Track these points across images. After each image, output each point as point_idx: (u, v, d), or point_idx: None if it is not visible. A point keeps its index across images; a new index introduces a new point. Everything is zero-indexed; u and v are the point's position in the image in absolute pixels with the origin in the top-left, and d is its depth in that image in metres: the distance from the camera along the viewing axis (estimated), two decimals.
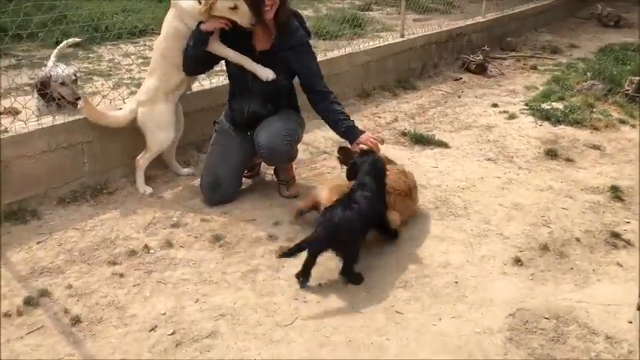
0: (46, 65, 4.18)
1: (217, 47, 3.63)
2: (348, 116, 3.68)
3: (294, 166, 4.20)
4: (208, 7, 3.48)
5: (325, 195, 3.42)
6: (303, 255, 3.05)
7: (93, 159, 3.91)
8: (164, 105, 3.86)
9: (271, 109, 3.75)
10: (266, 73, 3.62)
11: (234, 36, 3.62)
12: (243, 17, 3.50)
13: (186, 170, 4.21)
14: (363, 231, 3.16)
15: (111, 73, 6.46)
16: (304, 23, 3.85)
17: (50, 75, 3.90)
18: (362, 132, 3.60)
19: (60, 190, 3.79)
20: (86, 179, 3.91)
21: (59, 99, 3.94)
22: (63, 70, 3.92)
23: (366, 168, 3.25)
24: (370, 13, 10.71)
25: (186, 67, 3.71)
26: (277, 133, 3.63)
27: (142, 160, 3.92)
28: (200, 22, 3.56)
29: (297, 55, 3.70)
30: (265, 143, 3.63)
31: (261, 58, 3.66)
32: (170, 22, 3.74)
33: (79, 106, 3.94)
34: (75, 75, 4.02)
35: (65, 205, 3.73)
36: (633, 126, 5.54)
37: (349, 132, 3.60)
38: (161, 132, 3.88)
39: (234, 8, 3.48)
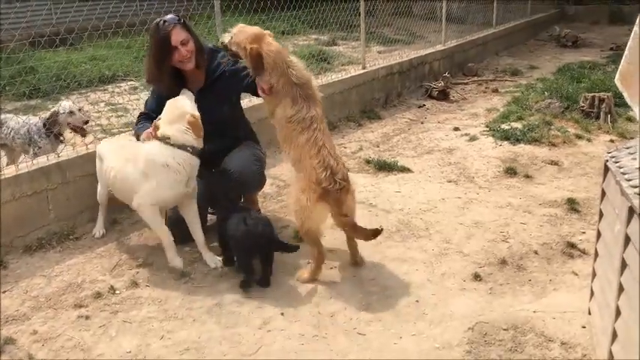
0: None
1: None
2: None
3: (259, 200, 4.30)
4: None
5: None
6: (270, 285, 3.30)
7: (58, 205, 3.96)
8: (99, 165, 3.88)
9: (229, 142, 3.83)
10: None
11: (174, 90, 3.71)
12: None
13: None
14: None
15: None
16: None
17: (57, 110, 4.35)
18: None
19: (26, 238, 3.83)
20: (52, 226, 3.95)
21: (63, 133, 4.45)
22: (67, 103, 4.44)
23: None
24: (336, 47, 10.99)
25: None
26: (246, 158, 3.76)
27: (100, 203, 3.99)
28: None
29: (232, 74, 3.80)
30: (237, 168, 3.69)
31: (201, 96, 3.75)
32: None
33: (86, 130, 4.41)
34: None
35: (31, 253, 3.76)
36: (589, 140, 5.74)
37: None
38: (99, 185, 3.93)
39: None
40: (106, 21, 5.19)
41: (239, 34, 3.40)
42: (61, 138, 4.46)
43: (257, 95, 3.67)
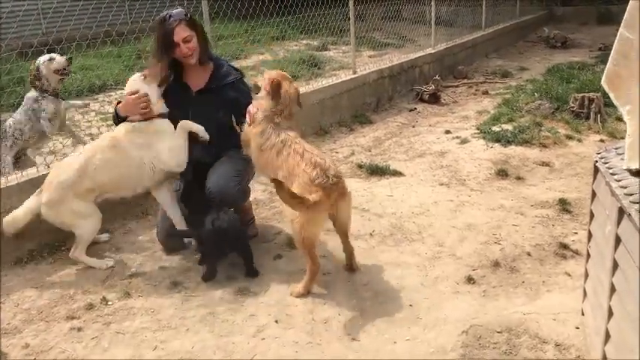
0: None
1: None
2: None
3: (253, 206, 4.28)
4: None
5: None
6: (264, 293, 3.28)
7: None
8: (75, 201, 3.59)
9: (215, 154, 3.81)
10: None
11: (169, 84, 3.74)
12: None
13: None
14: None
15: (72, 129, 6.49)
16: (233, 66, 4.03)
17: (37, 65, 4.33)
18: None
19: (18, 250, 3.80)
20: (44, 237, 3.91)
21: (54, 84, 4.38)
22: (42, 57, 4.37)
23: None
24: (327, 52, 11.00)
25: None
26: (225, 175, 3.68)
27: (77, 253, 3.68)
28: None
29: (236, 87, 3.84)
30: (214, 188, 3.64)
31: (198, 97, 3.77)
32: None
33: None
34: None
35: (23, 265, 3.74)
36: (579, 140, 5.76)
37: None
38: (86, 221, 3.65)
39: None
40: (94, 30, 5.19)
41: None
42: (58, 92, 4.44)
43: (238, 118, 3.79)
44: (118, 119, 3.72)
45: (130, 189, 3.73)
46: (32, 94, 4.41)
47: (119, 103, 3.75)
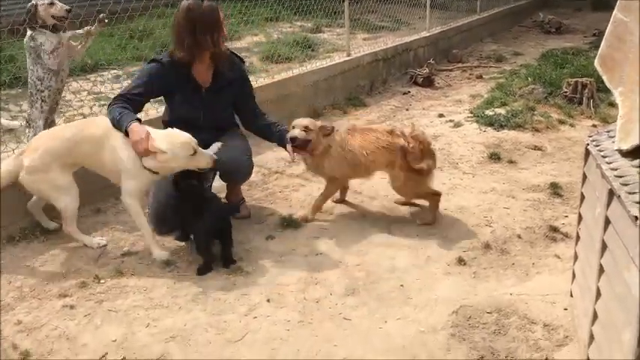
0: None
1: None
2: (280, 123, 4.01)
3: (245, 187, 4.29)
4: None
5: None
6: (256, 272, 3.32)
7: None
8: (58, 173, 3.52)
9: (219, 133, 3.87)
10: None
11: (179, 80, 3.72)
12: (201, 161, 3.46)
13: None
14: None
15: (62, 110, 6.44)
16: (236, 53, 4.07)
17: (35, 3, 4.02)
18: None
19: (9, 229, 3.79)
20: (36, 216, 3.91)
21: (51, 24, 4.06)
22: None
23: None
24: (321, 34, 10.92)
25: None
26: (236, 149, 3.79)
27: (69, 227, 3.65)
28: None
29: (239, 84, 3.94)
30: (227, 160, 3.69)
31: (208, 95, 3.82)
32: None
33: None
34: None
35: (15, 244, 3.73)
36: (572, 125, 5.79)
37: (282, 136, 3.89)
38: (63, 195, 3.56)
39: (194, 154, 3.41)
40: (87, 9, 5.12)
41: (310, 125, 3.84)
42: (59, 26, 4.14)
43: (241, 107, 4.01)
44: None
45: (113, 178, 3.64)
46: (28, 35, 4.14)
47: (137, 120, 3.49)
